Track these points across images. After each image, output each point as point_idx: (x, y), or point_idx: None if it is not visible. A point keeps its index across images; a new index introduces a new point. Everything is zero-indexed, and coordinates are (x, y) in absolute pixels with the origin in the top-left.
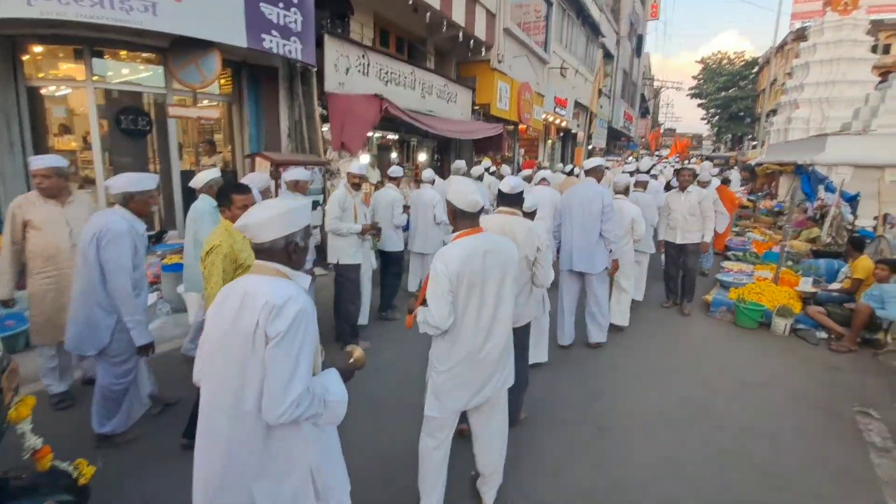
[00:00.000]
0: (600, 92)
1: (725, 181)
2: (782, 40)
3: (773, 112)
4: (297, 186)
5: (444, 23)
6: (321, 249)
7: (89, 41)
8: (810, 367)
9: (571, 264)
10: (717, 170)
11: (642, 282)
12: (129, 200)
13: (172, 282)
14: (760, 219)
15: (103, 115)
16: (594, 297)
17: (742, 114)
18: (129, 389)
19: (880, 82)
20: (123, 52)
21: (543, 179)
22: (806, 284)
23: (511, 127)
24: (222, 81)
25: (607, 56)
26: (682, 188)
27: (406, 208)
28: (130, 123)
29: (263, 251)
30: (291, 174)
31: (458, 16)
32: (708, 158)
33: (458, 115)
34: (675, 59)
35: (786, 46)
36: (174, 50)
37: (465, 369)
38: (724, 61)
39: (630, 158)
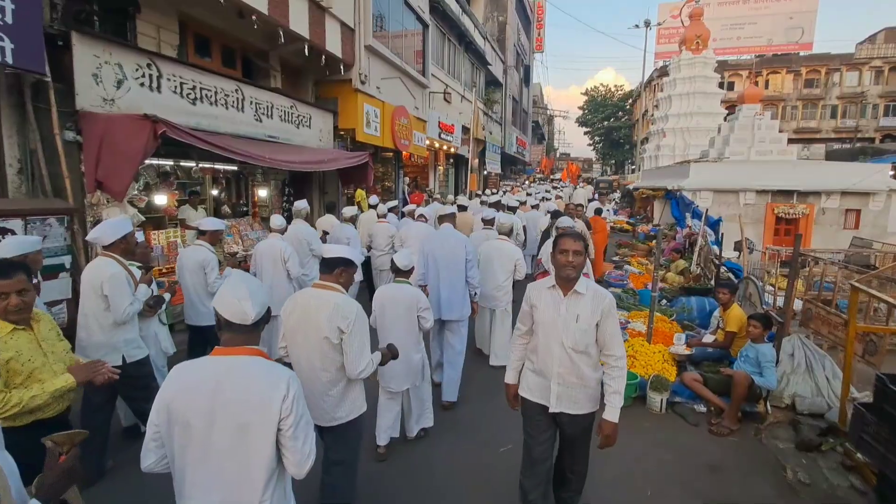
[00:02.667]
0: (488, 117)
1: (598, 211)
2: (650, 76)
3: (646, 140)
4: None
5: (281, 33)
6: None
7: None
8: (684, 465)
9: (440, 313)
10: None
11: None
12: None
13: None
14: (638, 246)
15: None
16: (451, 349)
17: (622, 141)
18: None
19: (728, 114)
20: None
21: (421, 216)
22: (679, 345)
23: (390, 154)
24: None
25: (496, 84)
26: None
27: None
28: None
29: None
30: None
31: (300, 26)
32: (593, 181)
33: (315, 141)
34: (565, 91)
35: (653, 82)
36: None
37: None
38: (606, 93)
39: (517, 185)
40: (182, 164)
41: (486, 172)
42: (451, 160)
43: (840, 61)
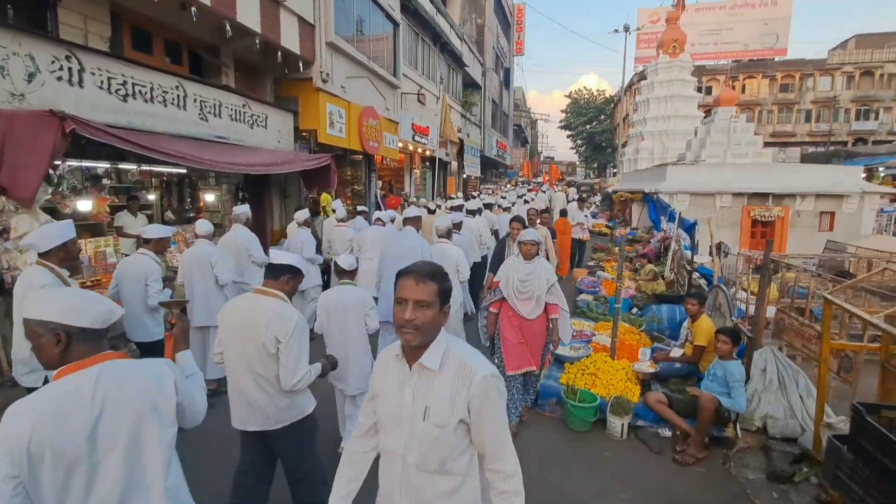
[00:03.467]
0: (466, 119)
1: (563, 212)
2: (630, 80)
3: (626, 143)
4: None
5: (228, 26)
6: None
7: None
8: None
9: (391, 316)
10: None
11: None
12: None
13: None
14: (614, 251)
15: None
16: None
17: (604, 145)
18: None
19: (705, 117)
20: None
21: (378, 219)
22: (643, 362)
23: (359, 157)
24: None
25: (474, 86)
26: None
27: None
28: None
29: None
30: None
31: (249, 19)
32: (574, 184)
33: (272, 142)
34: (549, 96)
35: (633, 86)
36: None
37: None
38: (588, 97)
39: (506, 187)
40: (121, 166)
41: (465, 176)
42: (428, 163)
43: (813, 66)
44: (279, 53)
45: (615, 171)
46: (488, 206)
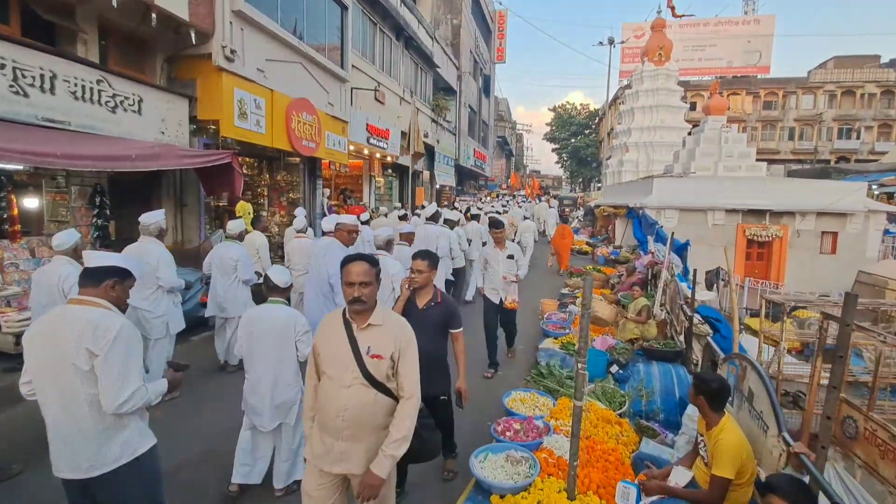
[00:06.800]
0: (438, 125)
1: (564, 220)
2: (615, 94)
3: (610, 156)
4: None
5: None
6: None
7: None
8: None
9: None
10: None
11: None
12: None
13: None
14: (593, 276)
15: None
16: None
17: (589, 159)
18: None
19: (693, 128)
20: None
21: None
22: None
23: (296, 159)
24: None
25: (449, 91)
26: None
27: None
28: None
29: None
30: None
31: None
32: (557, 197)
33: (152, 133)
34: (537, 111)
35: (617, 100)
36: None
37: None
38: (573, 111)
39: (488, 198)
40: None
41: (437, 186)
42: (392, 171)
43: (796, 85)
44: (154, 17)
45: (599, 185)
46: (448, 222)
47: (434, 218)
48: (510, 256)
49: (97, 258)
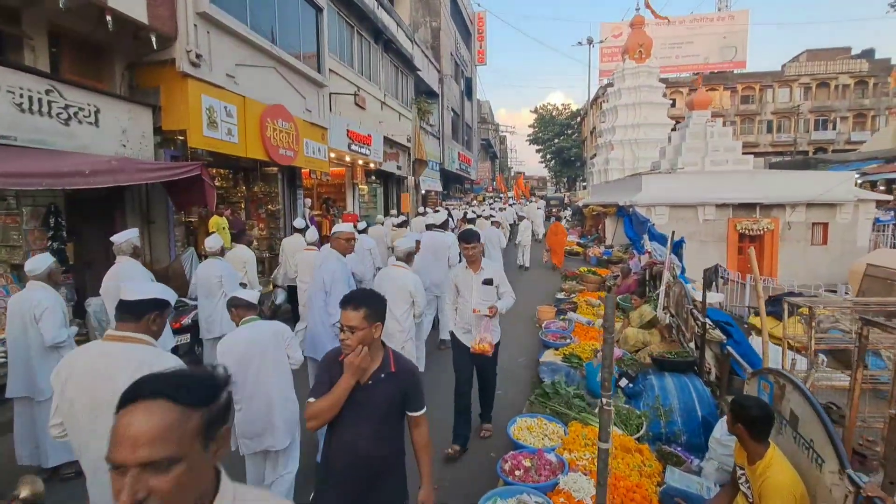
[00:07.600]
0: (422, 129)
1: (557, 218)
2: (596, 94)
3: (595, 155)
4: None
5: None
6: None
7: None
8: None
9: (314, 351)
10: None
11: None
12: None
13: None
14: (589, 278)
15: None
16: None
17: (573, 159)
18: None
19: (676, 124)
20: None
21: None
22: None
23: (273, 168)
24: None
25: (431, 94)
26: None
27: None
28: None
29: None
30: None
31: None
32: (544, 198)
33: (112, 147)
34: (518, 113)
35: (599, 99)
36: None
37: None
38: (554, 112)
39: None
40: None
41: (423, 191)
42: (376, 178)
43: (772, 78)
44: (109, 21)
45: (584, 184)
46: (430, 227)
47: (444, 226)
48: (487, 281)
49: (134, 290)
